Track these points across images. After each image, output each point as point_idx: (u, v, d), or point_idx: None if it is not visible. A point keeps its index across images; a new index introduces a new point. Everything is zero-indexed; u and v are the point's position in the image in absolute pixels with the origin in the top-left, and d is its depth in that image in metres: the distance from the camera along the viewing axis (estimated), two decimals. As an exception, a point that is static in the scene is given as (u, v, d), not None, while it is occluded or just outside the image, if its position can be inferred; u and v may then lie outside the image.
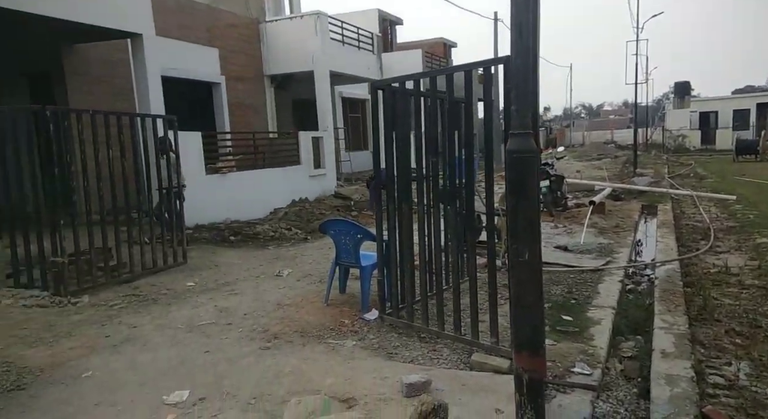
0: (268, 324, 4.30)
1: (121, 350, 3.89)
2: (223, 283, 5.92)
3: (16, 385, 3.31)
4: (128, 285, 5.91)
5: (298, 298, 4.99)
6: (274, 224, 9.73)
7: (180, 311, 4.85)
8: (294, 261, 6.88)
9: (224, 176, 10.15)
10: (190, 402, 2.96)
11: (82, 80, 9.11)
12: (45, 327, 4.43)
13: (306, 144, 12.24)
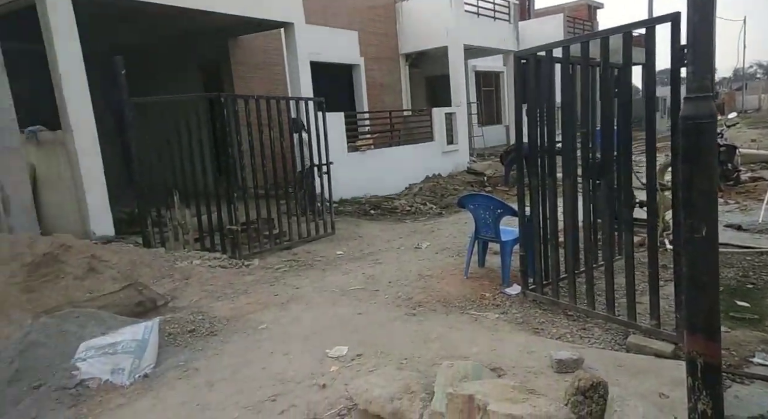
0: (411, 293, 4.57)
1: (288, 307, 4.44)
2: (367, 253, 6.36)
3: (210, 331, 3.97)
4: (288, 252, 6.64)
5: (437, 270, 5.20)
6: (409, 199, 10.08)
7: (333, 276, 5.35)
8: (431, 235, 7.11)
9: (363, 153, 10.71)
10: (350, 357, 3.30)
11: (244, 68, 10.20)
12: (226, 285, 5.21)
13: (439, 120, 12.34)
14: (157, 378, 3.21)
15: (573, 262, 3.84)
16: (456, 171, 12.44)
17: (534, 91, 3.95)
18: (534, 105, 3.97)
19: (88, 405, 2.91)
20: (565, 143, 3.85)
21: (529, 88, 3.96)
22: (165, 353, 3.53)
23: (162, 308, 4.45)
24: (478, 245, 4.95)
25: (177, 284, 5.14)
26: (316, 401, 2.72)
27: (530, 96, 3.97)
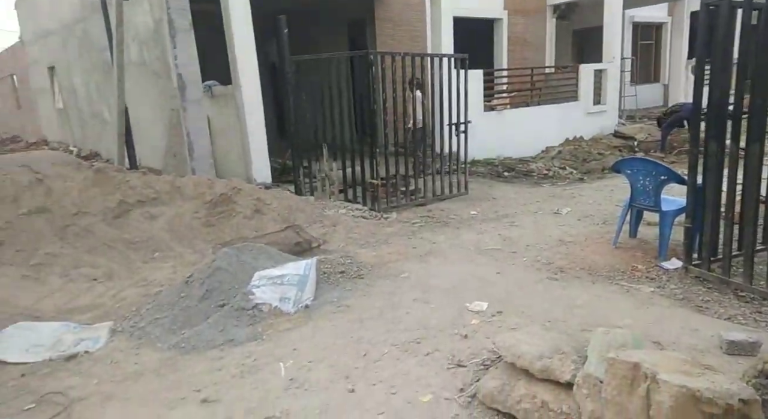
0: (552, 258, 4.50)
1: (427, 260, 4.66)
2: (502, 215, 6.33)
3: (357, 274, 4.34)
4: (423, 208, 6.87)
5: (580, 237, 5.03)
6: (547, 163, 9.67)
7: (468, 234, 5.46)
8: (571, 200, 6.82)
9: (499, 113, 10.40)
10: (490, 313, 3.42)
11: (388, 25, 10.35)
12: (368, 234, 5.59)
13: (586, 78, 11.43)
14: (316, 310, 3.63)
15: (752, 238, 3.46)
16: (601, 134, 11.54)
17: (722, 44, 3.51)
18: (722, 60, 3.52)
19: (262, 325, 3.41)
20: (755, 103, 3.40)
21: (716, 41, 3.52)
22: (320, 289, 3.96)
23: (315, 250, 4.94)
24: (632, 214, 4.67)
25: (326, 230, 5.64)
26: (459, 349, 2.90)
27: (717, 49, 3.53)
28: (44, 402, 2.58)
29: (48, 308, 3.53)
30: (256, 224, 5.53)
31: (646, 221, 4.93)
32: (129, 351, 3.07)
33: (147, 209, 5.11)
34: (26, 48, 17.85)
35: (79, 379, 2.78)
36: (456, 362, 2.74)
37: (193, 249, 5.05)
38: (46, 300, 3.61)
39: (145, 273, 4.30)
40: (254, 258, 4.08)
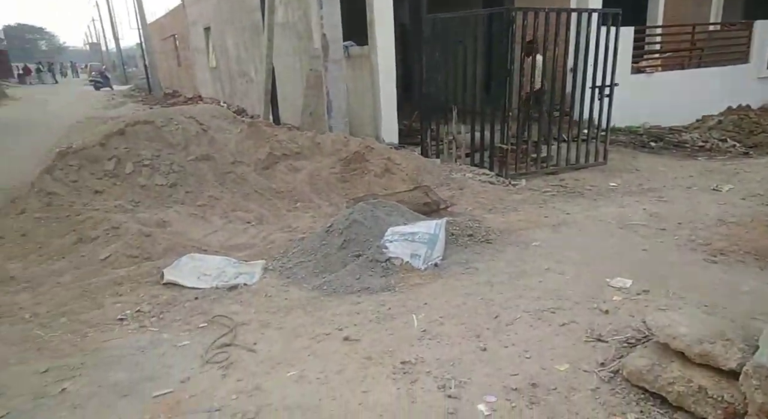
0: (710, 238, 4.06)
1: (560, 230, 4.47)
2: (647, 188, 5.81)
3: (485, 238, 4.31)
4: (554, 177, 6.55)
5: (745, 218, 4.45)
6: (703, 133, 8.60)
7: (607, 207, 5.11)
8: (734, 177, 6.02)
9: (648, 76, 9.39)
10: (634, 291, 3.21)
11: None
12: (496, 200, 5.50)
13: (761, 37, 9.79)
14: (445, 269, 3.70)
15: None
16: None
17: None
18: None
19: (394, 278, 3.56)
20: None
21: None
22: (449, 249, 4.01)
23: (443, 212, 4.99)
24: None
25: (453, 193, 5.65)
26: (599, 323, 2.78)
27: None
28: (214, 323, 2.99)
29: (213, 244, 4.04)
30: (385, 183, 5.71)
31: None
32: (279, 287, 3.42)
33: (291, 162, 5.51)
34: (186, 10, 19.79)
35: (240, 307, 3.17)
36: (595, 336, 2.64)
37: (329, 202, 5.38)
38: (211, 236, 4.12)
39: (289, 220, 4.70)
40: (387, 214, 4.23)
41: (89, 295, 3.34)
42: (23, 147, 9.71)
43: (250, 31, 12.48)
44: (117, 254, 3.67)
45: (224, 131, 5.41)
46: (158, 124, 4.89)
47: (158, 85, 22.50)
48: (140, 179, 4.50)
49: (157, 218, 4.16)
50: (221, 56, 15.98)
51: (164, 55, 26.61)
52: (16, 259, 3.81)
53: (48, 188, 4.23)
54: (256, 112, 12.48)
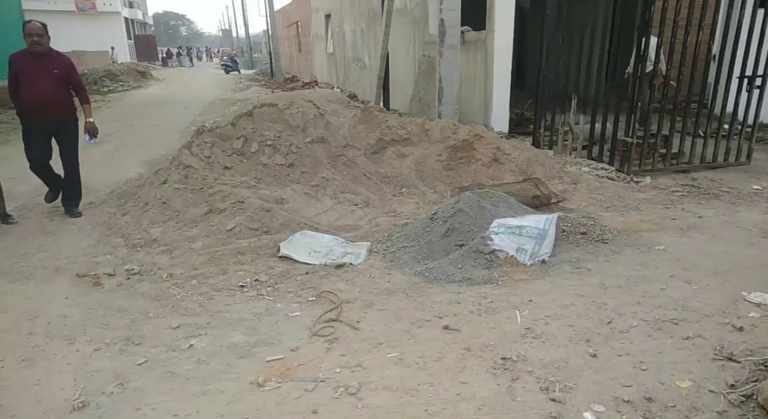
0: None
1: (689, 235, 4.04)
2: (802, 196, 5.05)
3: (600, 238, 4.01)
4: (685, 175, 5.92)
5: None
6: None
7: (749, 213, 4.52)
8: None
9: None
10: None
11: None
12: (615, 197, 5.10)
13: None
14: (553, 267, 3.52)
15: None
16: None
17: None
18: None
19: (498, 271, 3.46)
20: None
21: None
22: (558, 247, 3.80)
23: (553, 206, 4.74)
24: None
25: (566, 187, 5.34)
26: (731, 341, 2.48)
27: None
28: (322, 298, 3.14)
29: (323, 222, 4.22)
30: (493, 173, 5.55)
31: None
32: (383, 270, 3.48)
33: (399, 148, 5.56)
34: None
35: (345, 285, 3.29)
36: (726, 354, 2.36)
37: (433, 189, 5.35)
38: (322, 215, 4.31)
39: (394, 205, 4.76)
40: (494, 205, 4.11)
41: (216, 261, 3.66)
42: (167, 122, 10.90)
43: (367, 17, 12.73)
44: (241, 226, 3.99)
45: (339, 114, 5.59)
46: (281, 107, 5.18)
47: (280, 70, 23.90)
48: (263, 158, 4.82)
49: (276, 195, 4.43)
50: (338, 42, 16.54)
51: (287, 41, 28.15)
52: (158, 224, 4.28)
53: (186, 162, 4.69)
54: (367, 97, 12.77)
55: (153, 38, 45.05)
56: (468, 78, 7.93)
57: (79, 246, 4.10)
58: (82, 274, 3.55)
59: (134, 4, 42.20)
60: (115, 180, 6.00)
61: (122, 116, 12.10)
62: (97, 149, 7.02)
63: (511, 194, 4.76)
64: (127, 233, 4.22)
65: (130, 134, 9.59)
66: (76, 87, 4.64)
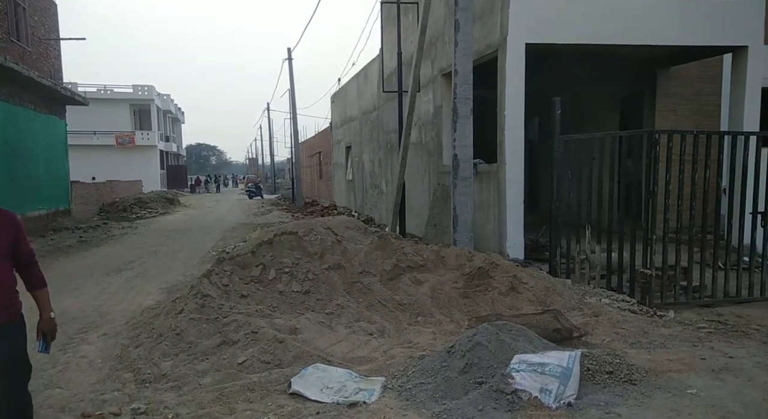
0: None
1: (722, 378, 3.79)
2: (837, 335, 4.79)
3: (628, 378, 3.77)
4: (709, 310, 5.74)
5: None
6: None
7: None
8: None
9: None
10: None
11: (669, 100, 9.48)
12: (639, 332, 4.90)
13: None
14: (580, 411, 3.28)
15: None
16: None
17: None
18: None
19: (521, 414, 3.23)
20: None
21: None
22: (584, 387, 3.57)
23: (576, 341, 4.55)
24: None
25: (587, 320, 5.18)
26: None
27: None
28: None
29: (336, 354, 4.09)
30: (510, 302, 5.46)
31: None
32: (398, 410, 3.27)
33: (414, 275, 5.57)
34: (333, 131, 22.46)
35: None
36: None
37: (450, 318, 5.24)
38: (335, 346, 4.19)
39: (410, 335, 4.62)
40: (513, 339, 3.98)
41: (225, 399, 3.50)
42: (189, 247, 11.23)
43: (384, 149, 13.64)
44: (253, 358, 3.88)
45: (356, 241, 5.72)
46: (300, 234, 5.34)
47: (301, 195, 25.12)
48: (279, 285, 4.85)
49: (290, 324, 4.37)
50: (357, 171, 17.54)
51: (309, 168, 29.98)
52: (169, 357, 4.19)
53: (204, 291, 4.72)
54: (383, 221, 13.15)
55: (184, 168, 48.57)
56: (482, 206, 8.19)
57: (88, 382, 4.03)
58: (87, 414, 3.43)
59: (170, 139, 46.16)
60: (132, 308, 6.03)
61: (146, 242, 12.56)
62: (117, 277, 7.17)
63: (531, 326, 4.62)
64: (137, 368, 4.13)
65: (152, 260, 9.85)
66: (25, 260, 2.80)
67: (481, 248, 7.39)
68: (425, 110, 10.62)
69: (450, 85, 7.20)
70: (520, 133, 7.37)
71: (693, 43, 7.48)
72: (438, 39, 9.72)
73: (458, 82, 6.79)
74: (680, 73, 9.42)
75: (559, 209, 6.89)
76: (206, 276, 4.99)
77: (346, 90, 19.29)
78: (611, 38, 7.26)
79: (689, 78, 9.42)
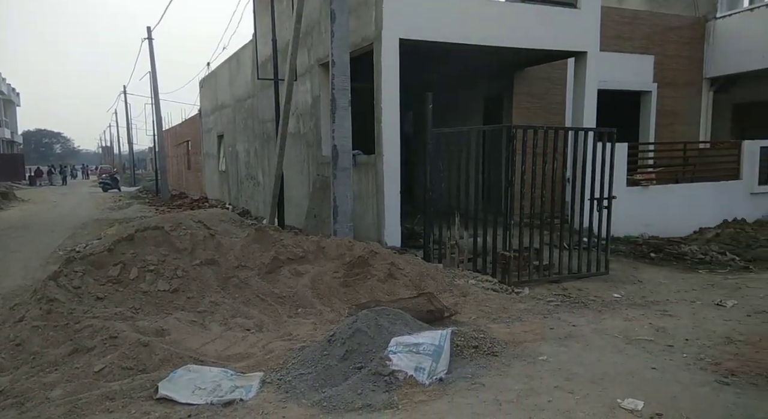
0: (719, 357, 3.94)
1: (567, 344, 4.35)
2: (651, 301, 5.76)
3: (491, 351, 4.16)
4: (557, 285, 6.52)
5: (753, 336, 4.36)
6: (702, 246, 8.69)
7: (612, 320, 5.02)
8: (737, 292, 5.99)
9: (644, 188, 9.72)
10: (647, 414, 3.05)
11: (524, 99, 10.49)
12: (500, 308, 5.41)
13: (751, 156, 10.31)
14: (450, 385, 3.55)
15: None
16: None
17: None
18: None
19: (398, 393, 3.40)
20: None
21: None
22: (454, 362, 3.87)
23: (447, 320, 4.89)
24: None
25: (456, 300, 5.59)
26: (615, 452, 2.61)
27: None
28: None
29: (210, 353, 3.91)
30: (388, 288, 5.68)
31: None
32: (277, 403, 3.25)
33: (294, 267, 5.53)
34: (202, 119, 21.16)
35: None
36: (612, 467, 2.47)
37: (331, 308, 5.30)
38: (209, 346, 4.01)
39: (290, 328, 4.60)
40: (391, 323, 4.16)
41: (79, 411, 3.16)
42: (29, 247, 9.83)
43: (261, 138, 13.23)
44: (112, 365, 3.53)
45: (231, 234, 5.51)
46: (167, 229, 4.99)
47: (166, 187, 23.32)
48: (143, 284, 4.48)
49: (156, 325, 4.07)
50: (231, 161, 16.77)
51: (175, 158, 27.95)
52: (7, 372, 3.65)
53: (50, 295, 4.18)
54: (260, 213, 12.80)
55: (20, 157, 42.24)
56: (361, 196, 8.36)
57: None
58: None
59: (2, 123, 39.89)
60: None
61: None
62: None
63: (407, 309, 4.86)
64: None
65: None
66: None
67: (360, 237, 7.55)
68: (303, 99, 10.49)
69: (328, 76, 7.20)
70: (396, 125, 7.64)
71: (541, 47, 8.35)
72: (314, 28, 9.64)
73: (336, 73, 6.82)
74: (532, 74, 10.46)
75: (432, 199, 7.31)
76: (52, 278, 4.43)
77: (217, 75, 18.26)
78: (473, 39, 7.81)
79: (540, 79, 10.52)
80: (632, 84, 11.42)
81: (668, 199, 9.59)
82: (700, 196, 9.88)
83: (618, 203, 8.65)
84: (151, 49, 22.85)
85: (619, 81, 11.01)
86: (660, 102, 11.87)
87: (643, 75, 11.57)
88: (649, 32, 11.63)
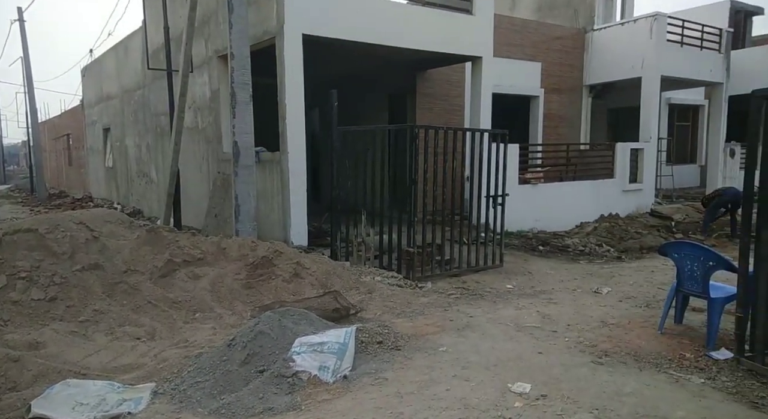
0: (595, 340, 4.37)
1: (465, 334, 4.58)
2: (539, 290, 6.23)
3: (395, 345, 4.28)
4: (457, 279, 6.82)
5: (623, 319, 4.89)
6: (582, 239, 9.57)
7: (506, 310, 5.37)
8: (611, 280, 6.68)
9: (533, 186, 10.49)
10: (534, 396, 3.31)
11: (427, 99, 10.83)
12: (404, 303, 5.56)
13: (623, 156, 11.54)
14: (354, 381, 3.58)
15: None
16: (637, 212, 11.46)
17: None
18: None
19: (301, 394, 3.37)
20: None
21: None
22: (358, 359, 3.91)
23: (353, 318, 4.94)
24: (677, 299, 4.55)
25: (362, 297, 5.65)
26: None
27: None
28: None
29: (94, 366, 3.59)
30: (294, 288, 5.59)
31: (691, 307, 4.79)
32: (170, 414, 3.06)
33: (192, 269, 5.25)
34: (85, 110, 19.29)
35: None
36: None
37: (232, 311, 5.11)
38: (93, 358, 3.67)
39: (186, 334, 4.36)
40: (295, 323, 4.10)
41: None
42: None
43: (153, 132, 12.36)
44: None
45: (118, 236, 5.09)
46: (42, 231, 4.48)
47: (43, 185, 21.00)
48: (13, 293, 3.99)
49: (29, 338, 3.65)
50: (119, 156, 15.50)
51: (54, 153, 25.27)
52: None
53: None
54: (154, 213, 11.97)
55: None
56: (266, 195, 8.13)
57: None
58: None
59: None
60: None
61: None
62: None
63: (312, 308, 4.82)
64: None
65: None
66: None
67: (265, 237, 7.35)
68: (201, 92, 9.96)
69: (227, 69, 6.90)
70: (301, 122, 7.52)
71: (440, 50, 8.68)
72: (211, 17, 9.18)
73: (235, 67, 6.56)
74: (434, 76, 10.85)
75: (339, 197, 7.30)
76: None
77: (102, 63, 16.73)
78: (376, 38, 7.91)
79: (441, 81, 10.94)
80: (523, 89, 12.26)
81: (554, 196, 10.43)
82: (580, 193, 10.86)
83: (511, 200, 9.25)
84: (22, 32, 20.40)
85: (511, 85, 11.77)
86: (546, 106, 12.87)
87: (532, 80, 12.47)
88: (536, 41, 12.56)
